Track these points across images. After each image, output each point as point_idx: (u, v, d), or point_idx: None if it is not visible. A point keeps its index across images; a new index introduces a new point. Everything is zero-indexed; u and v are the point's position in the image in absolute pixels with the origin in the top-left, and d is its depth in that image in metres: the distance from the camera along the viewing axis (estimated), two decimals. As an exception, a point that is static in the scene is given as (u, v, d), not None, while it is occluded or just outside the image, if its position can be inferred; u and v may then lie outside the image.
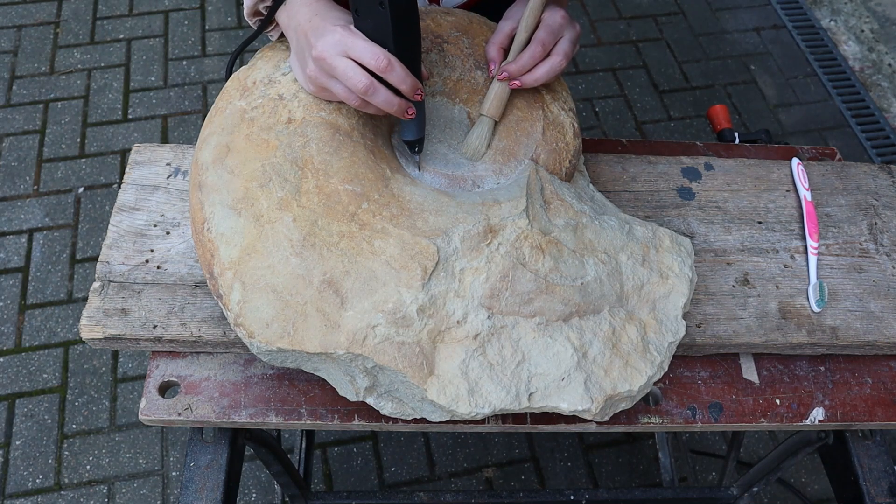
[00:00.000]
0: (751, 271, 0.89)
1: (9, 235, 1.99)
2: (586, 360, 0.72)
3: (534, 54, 0.78)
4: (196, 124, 2.23)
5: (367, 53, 0.69)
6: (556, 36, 0.78)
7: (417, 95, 0.73)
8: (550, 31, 0.78)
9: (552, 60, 0.78)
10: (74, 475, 1.65)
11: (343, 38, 0.69)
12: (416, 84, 0.72)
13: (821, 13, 2.70)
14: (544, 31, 0.78)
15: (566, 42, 0.79)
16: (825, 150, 1.08)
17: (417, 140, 0.78)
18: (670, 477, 1.50)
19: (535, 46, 0.77)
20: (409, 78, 0.71)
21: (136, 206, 0.88)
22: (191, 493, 0.82)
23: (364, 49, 0.69)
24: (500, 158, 0.83)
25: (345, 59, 0.70)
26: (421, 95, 0.73)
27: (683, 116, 2.37)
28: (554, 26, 0.78)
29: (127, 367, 1.80)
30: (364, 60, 0.69)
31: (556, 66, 0.78)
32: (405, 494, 1.22)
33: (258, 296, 0.70)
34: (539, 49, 0.77)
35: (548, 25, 0.78)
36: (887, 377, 0.88)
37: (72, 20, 2.46)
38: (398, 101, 0.72)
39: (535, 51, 0.77)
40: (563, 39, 0.79)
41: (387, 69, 0.69)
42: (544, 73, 0.78)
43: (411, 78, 0.71)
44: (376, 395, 0.74)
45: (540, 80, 0.79)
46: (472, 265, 0.72)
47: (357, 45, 0.69)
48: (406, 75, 0.70)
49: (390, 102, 0.71)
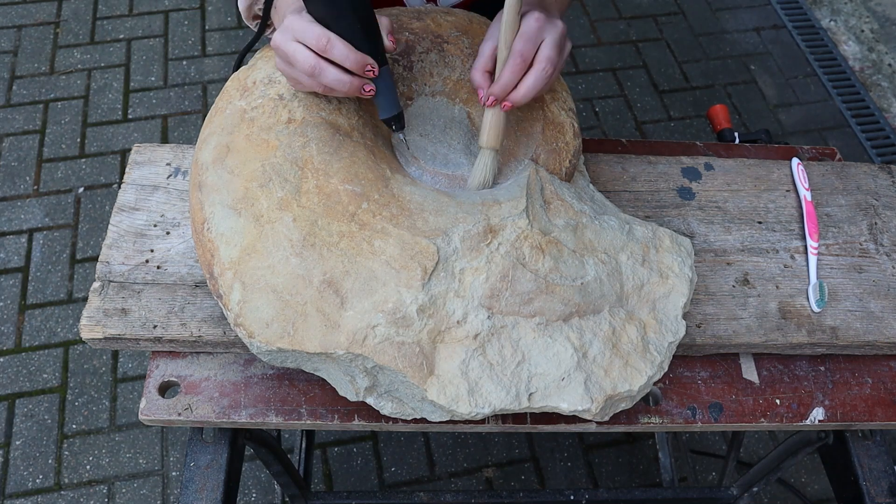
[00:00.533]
0: (751, 271, 0.89)
1: (9, 235, 1.99)
2: (586, 360, 0.72)
3: (514, 69, 0.72)
4: (196, 124, 2.23)
5: (308, 34, 0.68)
6: (535, 42, 0.73)
7: (369, 71, 0.70)
8: (527, 38, 0.72)
9: (536, 70, 0.73)
10: (74, 475, 1.65)
11: (291, 23, 0.70)
12: (362, 60, 0.69)
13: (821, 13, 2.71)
14: (521, 40, 0.72)
15: (547, 47, 0.73)
16: (825, 150, 1.08)
17: (393, 117, 0.76)
18: (670, 477, 1.50)
19: (513, 60, 0.72)
20: (353, 54, 0.69)
21: (136, 206, 0.88)
22: (191, 493, 0.82)
23: (305, 30, 0.69)
24: (499, 158, 0.83)
25: (294, 43, 0.70)
26: (374, 71, 0.71)
27: (683, 116, 2.37)
28: (530, 33, 0.72)
29: (127, 367, 1.80)
30: (307, 42, 0.69)
31: (541, 74, 0.73)
32: (405, 494, 1.22)
33: (258, 296, 0.70)
34: (518, 61, 0.72)
35: (523, 34, 0.72)
36: (887, 377, 0.88)
37: (72, 20, 2.46)
38: (349, 79, 0.70)
39: (515, 64, 0.72)
40: (543, 44, 0.73)
41: (326, 48, 0.68)
42: (531, 85, 0.73)
43: (355, 54, 0.69)
44: (376, 395, 0.74)
45: (529, 93, 0.73)
46: (472, 265, 0.72)
47: (300, 27, 0.69)
48: (349, 52, 0.69)
49: (341, 80, 0.70)
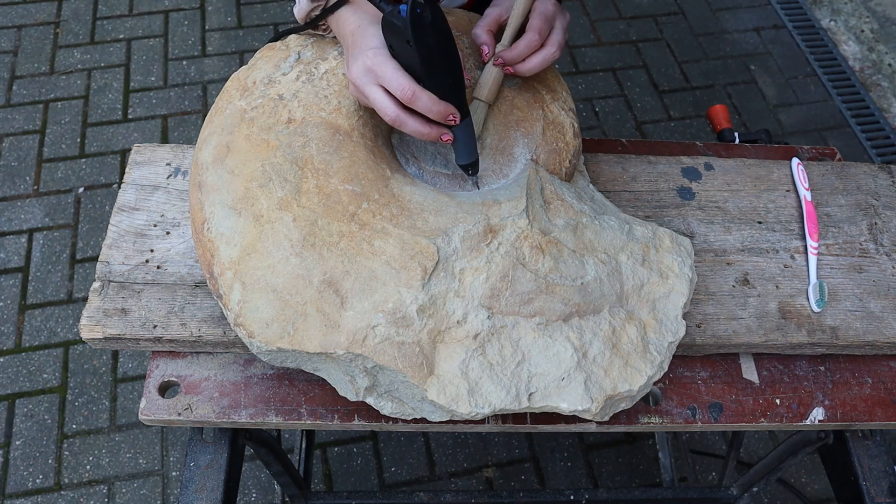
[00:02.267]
0: (751, 271, 0.89)
1: (9, 235, 1.99)
2: (586, 360, 0.72)
3: (530, 43, 0.77)
4: (196, 124, 2.23)
5: (394, 84, 0.69)
6: (550, 24, 0.78)
7: (451, 120, 0.72)
8: (545, 18, 0.78)
9: (546, 51, 0.78)
10: (74, 475, 1.65)
11: (374, 66, 0.70)
12: (445, 110, 0.71)
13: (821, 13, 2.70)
14: (539, 18, 0.78)
15: (559, 32, 0.79)
16: (825, 150, 1.08)
17: (471, 164, 0.77)
18: (670, 477, 1.50)
19: (531, 34, 0.77)
20: (437, 105, 0.70)
21: (136, 206, 0.88)
22: (191, 493, 0.82)
23: (392, 79, 0.69)
24: (500, 158, 0.83)
25: (376, 88, 0.70)
26: (456, 120, 0.72)
27: (683, 116, 2.37)
28: (548, 14, 0.78)
29: (127, 367, 1.80)
30: (391, 89, 0.70)
31: (549, 56, 0.78)
32: (405, 494, 1.22)
33: (258, 296, 0.70)
34: (535, 37, 0.77)
35: (542, 13, 0.78)
36: (887, 377, 0.88)
37: (72, 20, 2.46)
38: (429, 129, 0.72)
39: (532, 39, 0.77)
40: (555, 29, 0.79)
41: (412, 100, 0.69)
42: (539, 62, 0.78)
43: (439, 105, 0.70)
44: (376, 395, 0.74)
45: (534, 69, 0.79)
46: (472, 265, 0.72)
47: (385, 74, 0.69)
48: (433, 104, 0.70)
49: (420, 132, 0.72)
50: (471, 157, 0.76)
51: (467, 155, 0.76)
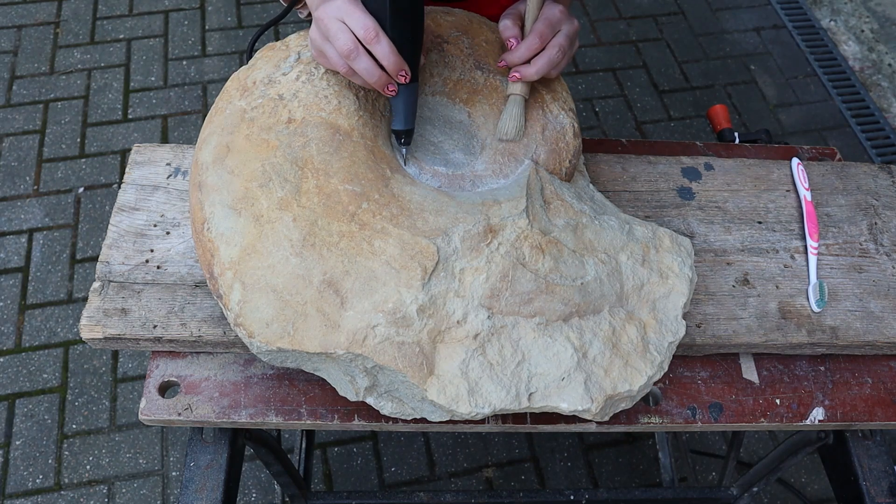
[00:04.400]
0: (751, 271, 0.89)
1: (9, 235, 1.99)
2: (586, 360, 0.72)
3: (530, 45, 0.78)
4: (196, 124, 2.23)
5: (359, 22, 0.70)
6: (553, 28, 0.79)
7: (401, 76, 0.73)
8: (548, 23, 0.78)
9: (549, 53, 0.78)
10: (74, 475, 1.65)
11: (344, 6, 0.71)
12: (400, 64, 0.72)
13: (821, 13, 2.70)
14: (543, 23, 0.78)
15: (562, 36, 0.79)
16: (825, 150, 1.08)
17: (405, 131, 0.78)
18: (670, 477, 1.50)
19: (531, 37, 0.78)
20: (395, 57, 0.71)
21: (136, 206, 0.88)
22: (191, 493, 0.82)
23: (358, 18, 0.70)
24: (499, 158, 0.83)
25: (338, 22, 0.71)
26: (406, 78, 0.73)
27: (683, 116, 2.37)
28: (552, 19, 0.78)
29: (127, 367, 1.80)
30: (354, 28, 0.71)
31: (552, 58, 0.78)
32: (405, 494, 1.22)
33: (258, 296, 0.70)
34: (536, 41, 0.78)
35: (546, 18, 0.78)
36: (887, 377, 0.88)
37: (72, 20, 2.46)
38: (380, 73, 0.73)
39: (532, 42, 0.78)
40: (559, 33, 0.79)
41: (373, 41, 0.70)
42: (543, 65, 0.79)
43: (397, 57, 0.71)
44: (376, 395, 0.74)
45: (539, 72, 0.79)
46: (472, 265, 0.72)
47: (353, 13, 0.71)
48: (391, 54, 0.71)
49: (371, 72, 0.72)
50: (407, 125, 0.77)
51: (404, 121, 0.77)
